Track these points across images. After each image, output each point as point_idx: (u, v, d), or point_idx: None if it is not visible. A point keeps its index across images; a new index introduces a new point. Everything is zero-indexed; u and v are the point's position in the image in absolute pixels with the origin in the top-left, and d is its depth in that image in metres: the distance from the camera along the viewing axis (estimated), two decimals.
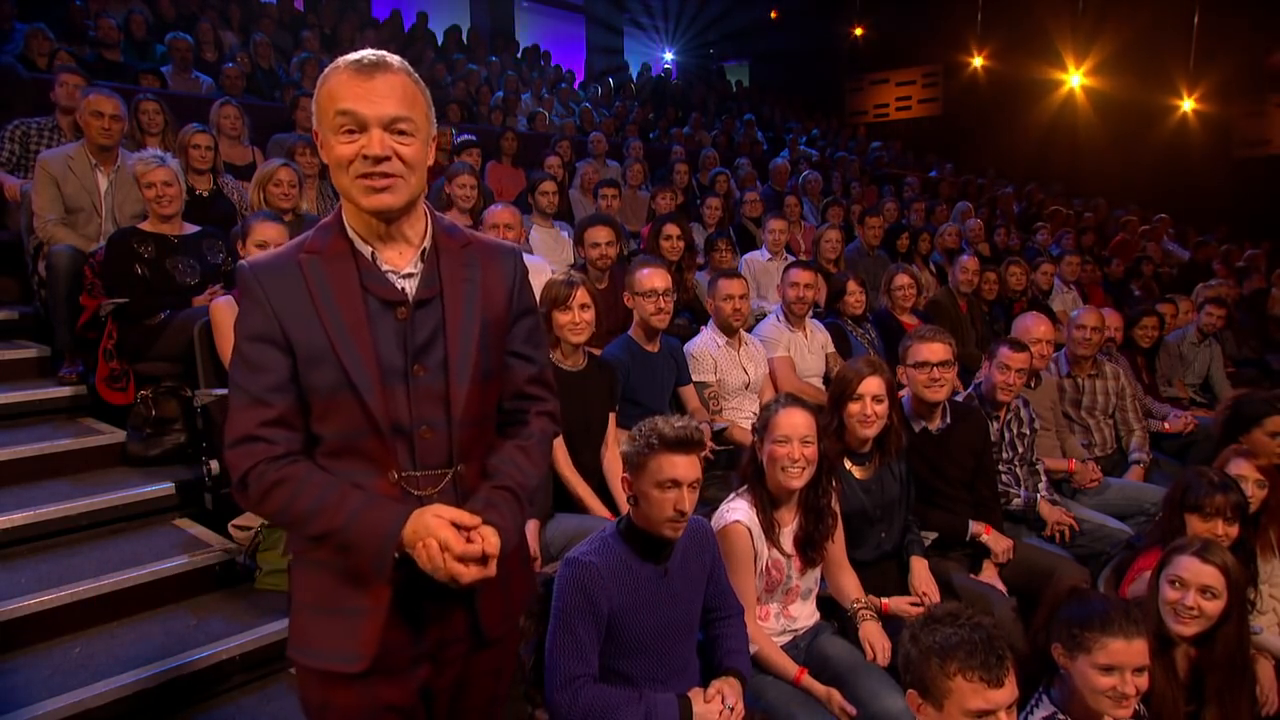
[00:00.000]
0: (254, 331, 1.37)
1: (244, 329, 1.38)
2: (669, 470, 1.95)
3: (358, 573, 1.39)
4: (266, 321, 1.36)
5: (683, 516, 1.96)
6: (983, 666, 1.64)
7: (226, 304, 3.14)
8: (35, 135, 4.51)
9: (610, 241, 4.16)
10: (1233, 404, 3.64)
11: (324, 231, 1.44)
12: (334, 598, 1.42)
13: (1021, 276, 6.05)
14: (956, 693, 1.65)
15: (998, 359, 3.39)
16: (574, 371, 3.04)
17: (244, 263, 1.41)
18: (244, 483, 1.36)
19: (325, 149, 1.37)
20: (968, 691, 1.64)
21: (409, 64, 1.40)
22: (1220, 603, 2.18)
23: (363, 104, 1.31)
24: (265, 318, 1.37)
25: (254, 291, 1.38)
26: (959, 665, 1.65)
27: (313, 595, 1.44)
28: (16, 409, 3.59)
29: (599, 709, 1.91)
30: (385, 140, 1.32)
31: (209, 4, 8.44)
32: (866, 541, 2.82)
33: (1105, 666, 1.88)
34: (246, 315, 1.39)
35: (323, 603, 1.43)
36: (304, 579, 1.46)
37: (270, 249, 1.46)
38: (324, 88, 1.35)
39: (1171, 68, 13.09)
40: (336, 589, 1.42)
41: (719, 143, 10.28)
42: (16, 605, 2.58)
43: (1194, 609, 2.18)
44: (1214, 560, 2.19)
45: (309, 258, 1.39)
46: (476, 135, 6.66)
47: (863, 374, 2.72)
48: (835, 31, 15.51)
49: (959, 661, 1.65)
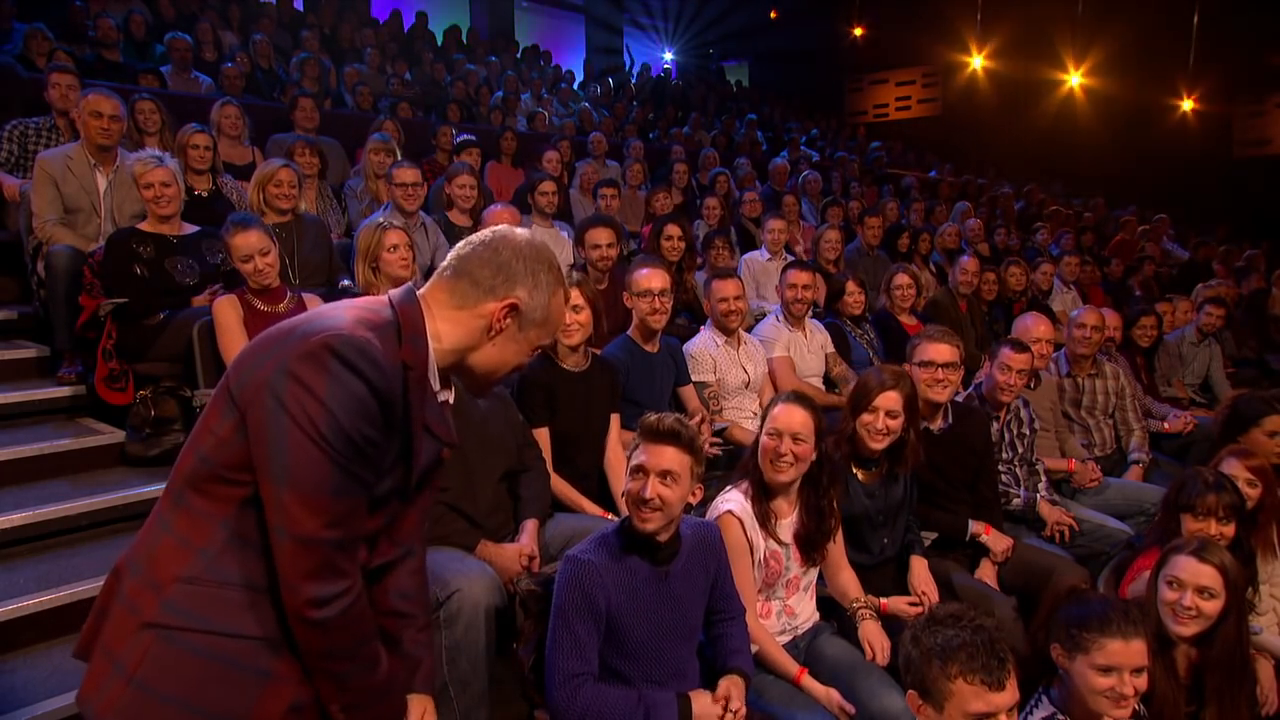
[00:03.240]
0: (372, 435, 1.29)
1: (360, 427, 1.26)
2: (639, 457, 1.99)
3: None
4: (383, 430, 1.31)
5: (646, 504, 1.95)
6: (984, 669, 1.63)
7: (229, 303, 3.14)
8: (34, 135, 4.51)
9: (611, 243, 4.16)
10: (1232, 404, 3.65)
11: (413, 342, 1.36)
12: (208, 697, 1.28)
13: (1021, 277, 6.05)
14: (957, 695, 1.65)
15: (999, 359, 3.38)
16: (576, 372, 3.04)
17: (371, 347, 1.27)
18: (337, 597, 1.29)
19: (520, 342, 1.45)
20: (968, 694, 1.64)
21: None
22: (1218, 602, 2.18)
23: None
24: (383, 425, 1.30)
25: (385, 395, 1.29)
26: (960, 668, 1.65)
27: (176, 686, 1.27)
28: (16, 409, 3.58)
29: (598, 707, 1.91)
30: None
31: (209, 4, 8.43)
32: (868, 546, 2.81)
33: (1104, 667, 1.88)
34: (366, 415, 1.26)
35: (190, 699, 1.27)
36: (168, 660, 1.27)
37: (360, 322, 1.30)
38: (561, 312, 1.50)
39: (1171, 68, 13.10)
40: (215, 687, 1.28)
41: (719, 143, 10.27)
42: (16, 605, 2.57)
43: (1192, 609, 2.18)
44: (1211, 560, 2.19)
45: (408, 373, 1.35)
46: (476, 135, 6.66)
47: (884, 386, 2.67)
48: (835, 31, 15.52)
49: (960, 664, 1.65)
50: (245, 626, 1.30)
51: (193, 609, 1.28)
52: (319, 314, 1.34)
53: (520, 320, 1.42)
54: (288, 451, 1.23)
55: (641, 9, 17.09)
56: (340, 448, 1.24)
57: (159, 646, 1.27)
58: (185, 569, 1.29)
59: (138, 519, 3.20)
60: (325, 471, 1.24)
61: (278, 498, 1.25)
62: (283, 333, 1.31)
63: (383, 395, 1.28)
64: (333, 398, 1.23)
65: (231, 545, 1.30)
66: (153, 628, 1.27)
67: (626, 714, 1.92)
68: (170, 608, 1.28)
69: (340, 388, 1.23)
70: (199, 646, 1.28)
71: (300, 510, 1.24)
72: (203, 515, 1.30)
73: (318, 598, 1.27)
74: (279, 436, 1.23)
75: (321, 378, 1.23)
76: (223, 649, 1.28)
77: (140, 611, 1.28)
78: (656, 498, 1.94)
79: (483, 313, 1.40)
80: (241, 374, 1.30)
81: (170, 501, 1.34)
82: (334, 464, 1.25)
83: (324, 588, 1.27)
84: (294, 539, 1.25)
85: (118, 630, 1.30)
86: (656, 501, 1.95)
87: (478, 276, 1.40)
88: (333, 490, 1.26)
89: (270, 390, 1.24)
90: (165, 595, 1.28)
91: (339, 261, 4.16)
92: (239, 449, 1.28)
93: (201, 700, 1.27)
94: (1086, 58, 13.65)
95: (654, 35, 17.50)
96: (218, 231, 3.54)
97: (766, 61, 17.77)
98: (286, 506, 1.24)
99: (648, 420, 2.02)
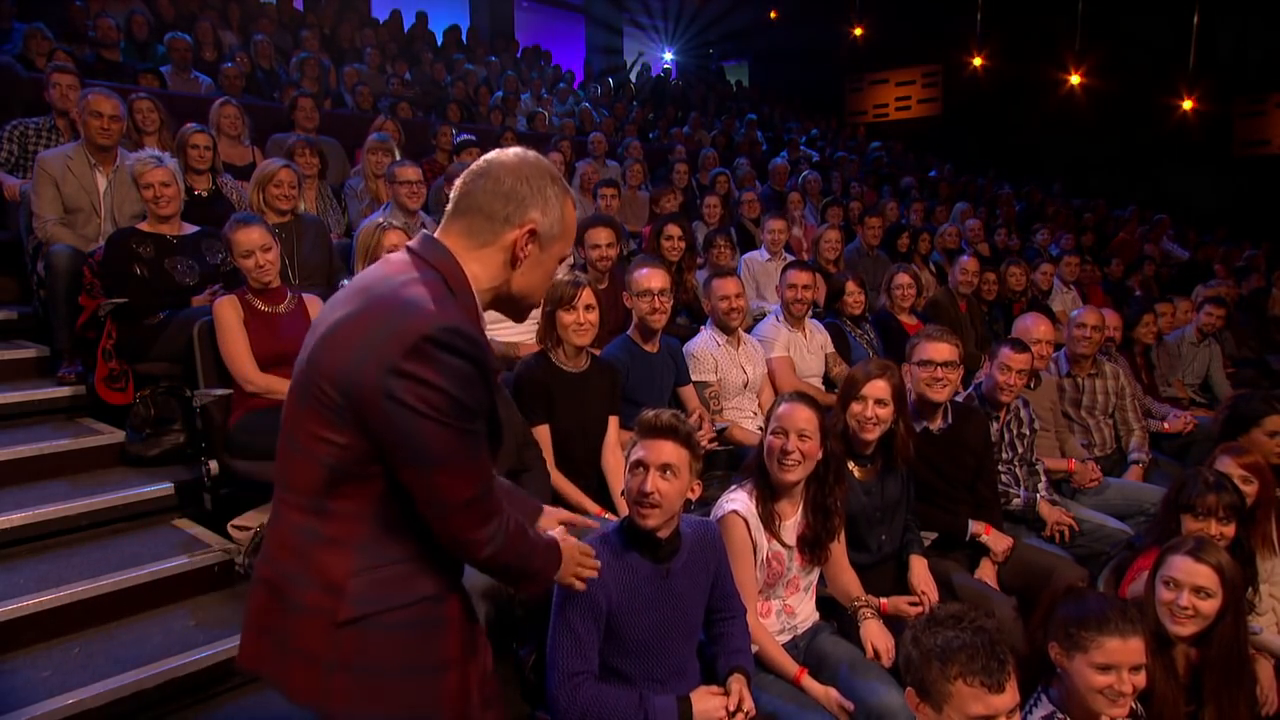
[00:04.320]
0: (488, 401, 1.38)
1: (478, 399, 1.34)
2: (638, 452, 1.99)
3: (537, 583, 1.56)
4: (492, 395, 1.38)
5: (646, 499, 1.95)
6: (984, 671, 1.63)
7: (229, 303, 3.14)
8: (34, 135, 4.51)
9: (611, 243, 4.16)
10: (1232, 404, 3.65)
11: (469, 300, 1.41)
12: (413, 657, 1.43)
13: (1022, 277, 6.05)
14: (956, 696, 1.64)
15: (999, 359, 3.38)
16: (575, 373, 3.04)
17: (469, 331, 1.32)
18: (500, 530, 1.42)
19: (543, 266, 1.47)
20: (968, 696, 1.63)
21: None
22: (1215, 602, 2.17)
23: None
24: (491, 392, 1.38)
25: (490, 367, 1.36)
26: (960, 669, 1.64)
27: (389, 658, 1.41)
28: (16, 409, 3.59)
29: (598, 706, 1.91)
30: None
31: (209, 4, 8.43)
32: (867, 544, 2.81)
33: (1102, 665, 1.88)
34: (482, 388, 1.35)
35: (402, 664, 1.42)
36: (376, 642, 1.40)
37: (446, 301, 1.35)
38: (574, 218, 1.50)
39: (1171, 68, 13.09)
40: (415, 648, 1.43)
41: (719, 143, 10.27)
42: (16, 605, 2.57)
43: (1189, 609, 2.18)
44: (1208, 560, 2.19)
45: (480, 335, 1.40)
46: (476, 135, 6.66)
47: (870, 375, 2.71)
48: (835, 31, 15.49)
49: (960, 665, 1.64)
50: (418, 590, 1.42)
51: (374, 594, 1.38)
52: (384, 298, 1.34)
53: (541, 241, 1.44)
54: (426, 441, 1.30)
55: (641, 9, 17.09)
56: (465, 421, 1.32)
57: (363, 635, 1.38)
58: (353, 564, 1.37)
59: (137, 519, 3.21)
60: (461, 444, 1.33)
61: (427, 479, 1.33)
62: (365, 327, 1.32)
63: (484, 364, 1.34)
64: (450, 382, 1.29)
65: (382, 532, 1.39)
66: (351, 624, 1.37)
67: (627, 713, 1.92)
68: (358, 601, 1.37)
69: (451, 372, 1.29)
70: (393, 622, 1.39)
71: (454, 482, 1.34)
72: (349, 516, 1.38)
73: (486, 540, 1.40)
74: (414, 431, 1.29)
75: (431, 368, 1.28)
76: (409, 616, 1.41)
77: (332, 613, 1.37)
78: (656, 492, 1.94)
79: (505, 244, 1.42)
80: (339, 379, 1.32)
81: (308, 512, 1.40)
82: (464, 434, 1.33)
83: (487, 530, 1.40)
84: (455, 507, 1.35)
85: (311, 636, 1.39)
86: (655, 496, 1.95)
87: (490, 209, 1.41)
88: (471, 456, 1.35)
89: (386, 394, 1.28)
90: (347, 592, 1.37)
91: (339, 261, 4.16)
92: (364, 448, 1.33)
93: (412, 661, 1.42)
94: (1086, 58, 13.64)
95: (654, 35, 17.50)
96: (218, 231, 3.54)
97: (766, 61, 17.76)
98: (440, 484, 1.33)
99: (646, 416, 2.02)
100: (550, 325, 3.00)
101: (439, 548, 1.43)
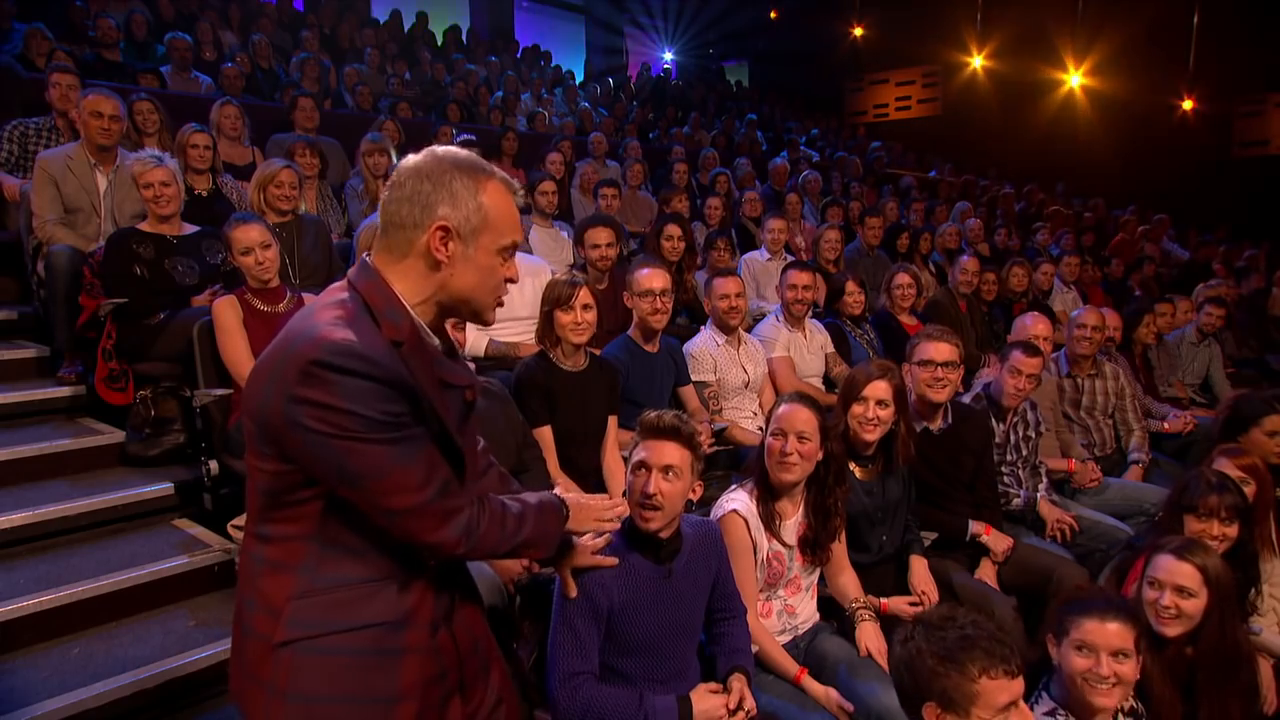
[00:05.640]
0: (402, 410, 1.31)
1: (386, 409, 1.28)
2: (640, 453, 1.99)
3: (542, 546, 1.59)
4: (409, 405, 1.33)
5: (649, 500, 1.95)
6: (1003, 660, 1.62)
7: (229, 303, 3.14)
8: (34, 135, 4.51)
9: (610, 243, 4.16)
10: (1232, 404, 3.64)
11: (388, 315, 1.35)
12: (359, 686, 1.37)
13: (1024, 278, 6.04)
14: (984, 694, 1.61)
15: (1010, 363, 3.37)
16: (575, 372, 3.04)
17: (356, 347, 1.27)
18: (470, 524, 1.40)
19: (474, 262, 1.39)
20: (994, 689, 1.61)
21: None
22: (1198, 602, 2.17)
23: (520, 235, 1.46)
24: (406, 402, 1.32)
25: (394, 381, 1.29)
26: (981, 666, 1.61)
27: (328, 686, 1.36)
28: (16, 409, 3.59)
29: (598, 706, 1.91)
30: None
31: (209, 4, 8.43)
32: (868, 544, 2.81)
33: (1079, 645, 1.89)
34: (385, 400, 1.28)
35: (343, 692, 1.36)
36: (313, 667, 1.35)
37: (333, 322, 1.31)
38: (501, 209, 1.40)
39: (1171, 68, 13.09)
40: (361, 675, 1.37)
41: (719, 143, 10.27)
42: (16, 605, 2.57)
43: (1171, 608, 2.17)
44: (1191, 559, 2.18)
45: (399, 348, 1.34)
46: (476, 135, 6.66)
47: (871, 376, 2.72)
48: (835, 31, 15.51)
49: (980, 663, 1.61)
50: (367, 616, 1.37)
51: (313, 618, 1.35)
52: (294, 328, 1.34)
53: (461, 237, 1.37)
54: (345, 460, 1.28)
55: (641, 9, 17.09)
56: (381, 433, 1.28)
57: (298, 658, 1.35)
58: (292, 588, 1.35)
59: (138, 519, 3.21)
60: (387, 456, 1.29)
61: (365, 495, 1.31)
62: (274, 359, 1.33)
63: (386, 380, 1.29)
64: (348, 401, 1.26)
65: (326, 554, 1.36)
66: (286, 645, 1.35)
67: (626, 713, 1.91)
68: (293, 624, 1.35)
69: (347, 391, 1.26)
70: (332, 647, 1.35)
71: (392, 493, 1.30)
72: (289, 539, 1.37)
73: (454, 539, 1.38)
74: (328, 453, 1.28)
75: (324, 390, 1.25)
76: (354, 642, 1.36)
77: (269, 636, 1.35)
78: (659, 494, 1.94)
79: (420, 250, 1.36)
80: (256, 412, 1.34)
81: (254, 538, 1.41)
82: (386, 444, 1.29)
83: (452, 530, 1.37)
84: (404, 514, 1.32)
85: (256, 658, 1.38)
86: (659, 498, 1.95)
87: (400, 219, 1.36)
88: (403, 463, 1.31)
89: (290, 422, 1.27)
90: (284, 615, 1.35)
91: (339, 261, 4.15)
92: (292, 474, 1.33)
93: (352, 691, 1.36)
94: (1086, 58, 13.63)
95: (654, 35, 17.50)
96: (218, 231, 3.54)
97: (766, 61, 17.75)
98: (379, 497, 1.31)
99: (647, 417, 2.02)
100: (549, 325, 3.00)
101: (416, 569, 1.41)
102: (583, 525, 1.70)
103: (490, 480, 1.75)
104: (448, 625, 1.49)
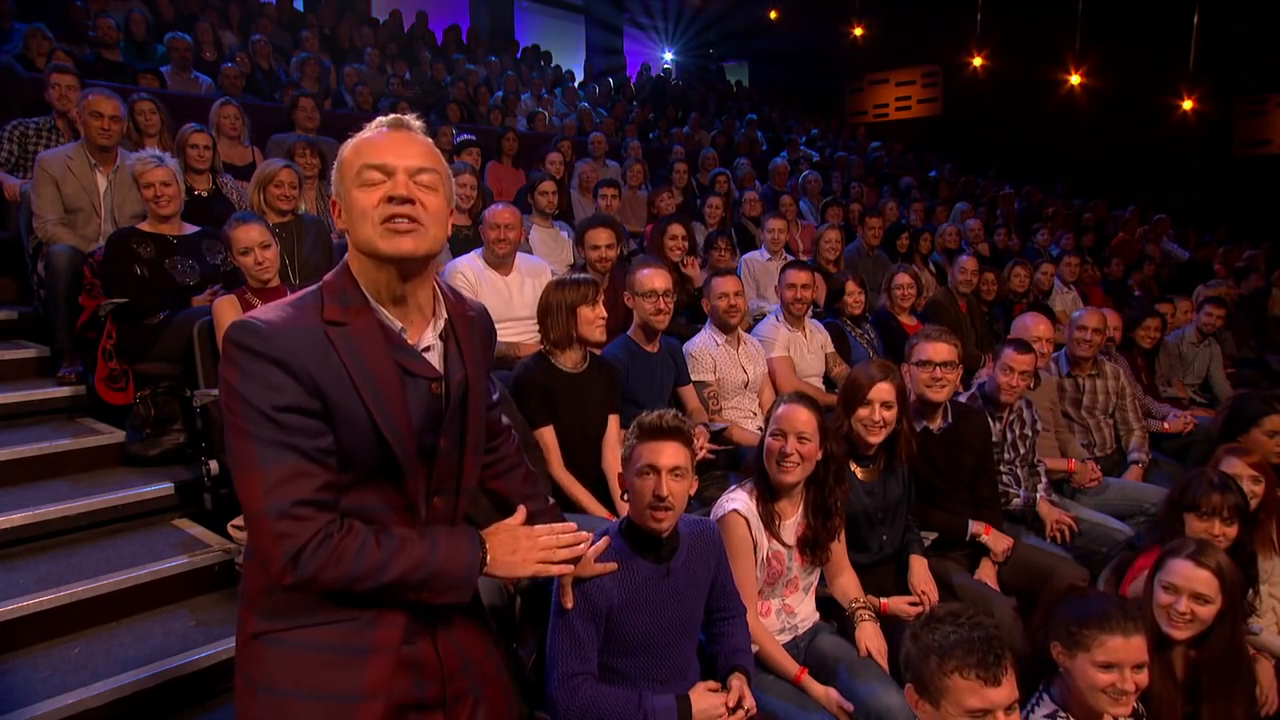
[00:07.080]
0: (287, 403, 1.27)
1: (269, 400, 1.26)
2: (646, 456, 1.97)
3: (442, 590, 1.38)
4: (303, 394, 1.29)
5: (662, 503, 1.94)
6: (979, 665, 1.64)
7: (229, 303, 3.14)
8: (34, 135, 4.51)
9: (611, 244, 4.16)
10: (1232, 404, 3.65)
11: (339, 298, 1.36)
12: (322, 682, 1.36)
13: (1025, 278, 6.05)
14: (953, 691, 1.65)
15: (1002, 360, 3.38)
16: (575, 373, 3.04)
17: (258, 324, 1.28)
18: (299, 554, 1.27)
19: (347, 208, 1.36)
20: (964, 690, 1.64)
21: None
22: (1214, 607, 2.17)
23: (390, 155, 1.34)
24: (301, 390, 1.29)
25: (289, 362, 1.28)
26: (956, 664, 1.65)
27: (292, 680, 1.36)
28: (16, 409, 3.59)
29: (598, 706, 1.91)
30: (410, 185, 1.34)
31: (209, 4, 8.44)
32: (868, 544, 2.81)
33: (1104, 664, 1.88)
34: (272, 387, 1.27)
35: (307, 688, 1.35)
36: (279, 660, 1.36)
37: (269, 307, 1.33)
38: (348, 151, 1.38)
39: (1171, 68, 13.08)
40: (324, 672, 1.36)
41: (718, 143, 10.27)
42: (16, 605, 2.57)
43: (1187, 614, 2.17)
44: (1208, 564, 2.18)
45: (337, 330, 1.33)
46: (476, 135, 6.66)
47: (875, 379, 2.71)
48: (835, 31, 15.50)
49: (956, 660, 1.65)
50: (331, 614, 1.37)
51: (281, 612, 1.37)
52: None
53: (340, 197, 1.39)
54: (229, 444, 1.30)
55: (641, 9, 17.09)
56: (256, 425, 1.27)
57: (267, 650, 1.37)
58: (262, 580, 1.37)
59: (138, 519, 3.22)
60: (250, 449, 1.28)
61: (236, 484, 1.31)
62: None
63: (285, 363, 1.27)
64: (242, 384, 1.27)
65: None
66: (257, 637, 1.38)
67: (626, 713, 1.91)
68: (264, 615, 1.38)
69: (243, 373, 1.27)
70: (299, 641, 1.37)
71: (241, 490, 1.29)
72: None
73: (278, 564, 1.28)
74: (228, 436, 1.31)
75: (231, 370, 1.28)
76: (320, 637, 1.37)
77: (245, 626, 1.40)
78: (671, 495, 1.94)
79: (341, 226, 1.40)
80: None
81: (245, 529, 1.44)
82: (254, 439, 1.27)
83: (279, 553, 1.27)
84: (249, 518, 1.30)
85: (239, 650, 1.42)
86: (671, 499, 1.95)
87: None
88: (259, 463, 1.27)
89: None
90: (257, 607, 1.39)
91: (339, 261, 4.15)
92: None
93: (317, 687, 1.35)
94: (1086, 58, 13.64)
95: (654, 35, 17.50)
96: (218, 231, 3.55)
97: (766, 61, 17.76)
98: (238, 491, 1.30)
99: (648, 419, 2.00)
100: (569, 323, 2.99)
101: None
102: (521, 568, 1.50)
103: (514, 480, 1.74)
104: (431, 637, 1.46)
